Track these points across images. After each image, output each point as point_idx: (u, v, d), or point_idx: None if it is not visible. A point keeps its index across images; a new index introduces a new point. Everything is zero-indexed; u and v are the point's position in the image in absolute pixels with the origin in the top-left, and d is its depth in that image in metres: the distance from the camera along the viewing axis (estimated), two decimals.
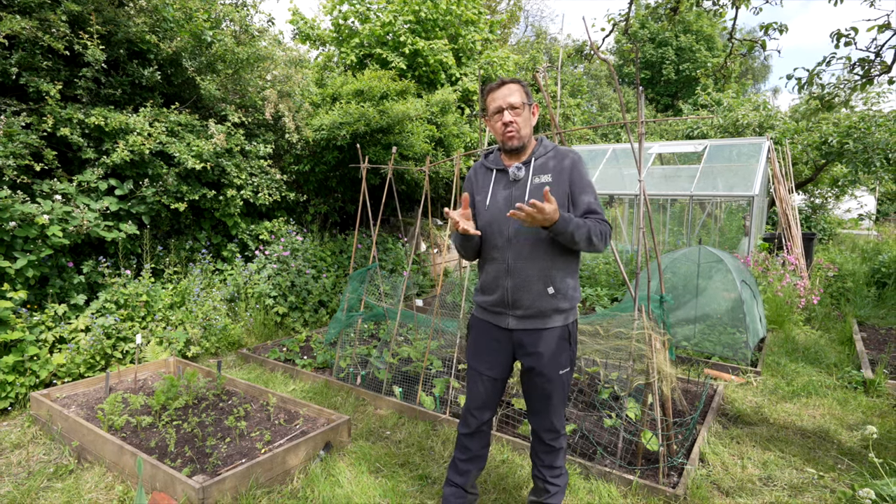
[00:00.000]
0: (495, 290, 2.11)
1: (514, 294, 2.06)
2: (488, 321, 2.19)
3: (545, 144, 2.14)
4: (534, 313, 2.06)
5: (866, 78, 4.14)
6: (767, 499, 2.68)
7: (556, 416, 2.19)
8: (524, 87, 2.07)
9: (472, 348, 2.26)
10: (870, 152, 7.99)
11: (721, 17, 5.13)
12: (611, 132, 18.02)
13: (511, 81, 2.06)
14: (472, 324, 2.29)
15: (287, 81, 6.00)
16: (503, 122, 2.04)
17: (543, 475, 2.27)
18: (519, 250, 2.04)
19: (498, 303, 2.11)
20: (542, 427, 2.21)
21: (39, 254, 3.96)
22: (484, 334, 2.21)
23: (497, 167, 2.14)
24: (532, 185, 2.06)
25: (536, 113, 2.15)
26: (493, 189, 2.12)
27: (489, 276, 2.13)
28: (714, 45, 24.28)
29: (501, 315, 2.13)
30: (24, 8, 4.28)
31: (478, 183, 2.19)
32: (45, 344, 3.94)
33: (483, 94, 2.15)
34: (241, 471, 2.60)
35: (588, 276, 7.42)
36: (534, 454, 2.30)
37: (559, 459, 2.27)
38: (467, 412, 2.27)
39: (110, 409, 3.24)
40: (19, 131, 4.00)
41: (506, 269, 2.06)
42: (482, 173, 2.20)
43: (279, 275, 5.68)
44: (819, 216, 12.88)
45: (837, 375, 4.35)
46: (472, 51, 9.96)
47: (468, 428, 2.27)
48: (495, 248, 2.09)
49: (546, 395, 2.14)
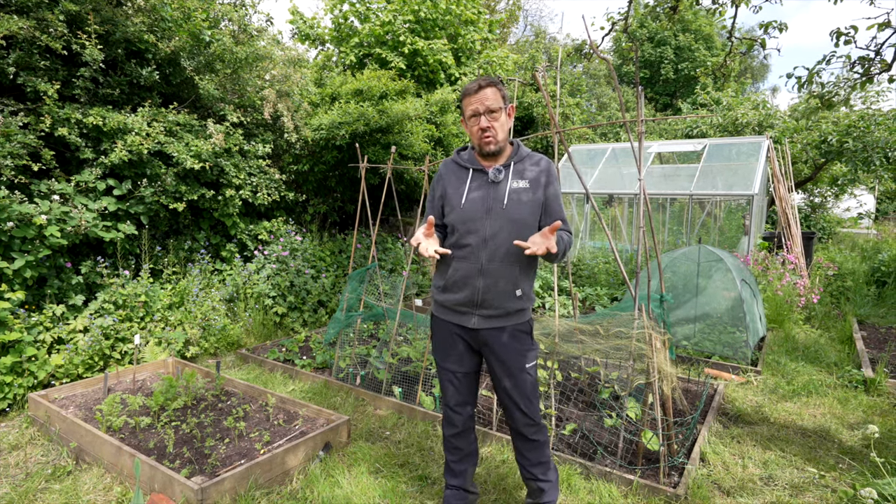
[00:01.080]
0: (463, 289, 2.10)
1: (485, 294, 2.07)
2: (450, 321, 2.19)
3: (522, 150, 2.17)
4: (500, 313, 2.10)
5: (866, 76, 4.13)
6: (768, 498, 2.68)
7: (532, 408, 2.19)
8: (501, 89, 2.07)
9: (439, 348, 2.27)
10: (869, 151, 7.98)
11: (721, 15, 5.12)
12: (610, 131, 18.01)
13: (487, 85, 2.05)
14: (433, 324, 2.30)
15: (286, 81, 5.98)
16: (480, 127, 2.05)
17: (535, 475, 2.26)
18: (494, 252, 2.04)
19: (465, 302, 2.11)
20: (521, 422, 2.20)
21: (37, 254, 3.95)
22: (447, 334, 2.21)
23: (473, 166, 2.15)
24: (510, 189, 2.07)
25: (513, 114, 2.17)
26: (470, 187, 2.12)
27: (458, 274, 2.11)
28: (713, 45, 24.27)
29: (466, 314, 2.13)
30: (22, 7, 4.26)
31: (451, 180, 2.18)
32: (43, 345, 3.92)
33: (461, 97, 2.15)
34: (240, 472, 2.59)
35: (588, 275, 7.41)
36: (519, 455, 2.29)
37: (545, 453, 2.27)
38: (449, 410, 2.28)
39: (109, 410, 3.23)
40: (17, 131, 3.99)
41: (479, 269, 2.06)
42: (455, 170, 2.20)
43: (278, 275, 5.67)
44: (819, 215, 12.88)
45: (838, 374, 4.34)
46: (472, 50, 9.95)
47: (454, 427, 2.28)
48: (467, 246, 2.07)
49: (518, 390, 2.15)
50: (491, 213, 2.05)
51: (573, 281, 7.49)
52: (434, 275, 2.26)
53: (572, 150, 10.08)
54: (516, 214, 2.05)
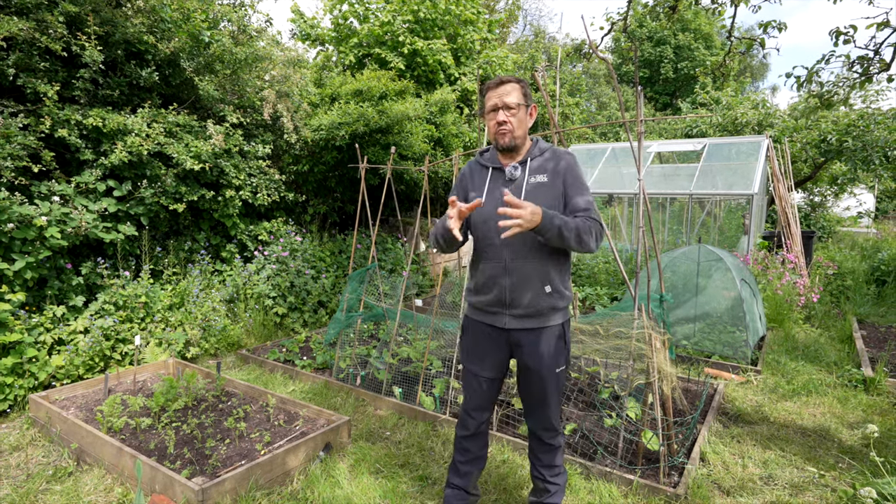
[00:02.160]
0: (492, 289, 2.09)
1: (513, 293, 2.05)
2: (483, 322, 2.17)
3: (541, 146, 2.14)
4: (532, 312, 2.06)
5: (865, 76, 4.14)
6: (768, 498, 2.68)
7: (554, 415, 2.19)
8: (524, 87, 2.07)
9: (468, 349, 2.25)
10: (869, 150, 7.99)
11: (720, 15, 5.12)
12: (610, 131, 18.02)
13: (511, 80, 2.05)
14: (465, 325, 2.29)
15: (285, 81, 5.98)
16: (496, 121, 2.05)
17: (543, 475, 2.27)
18: (517, 248, 2.03)
19: (495, 302, 2.10)
20: (541, 426, 2.20)
21: (38, 255, 3.95)
22: (479, 335, 2.20)
23: (493, 165, 2.15)
24: (528, 185, 2.06)
25: (534, 114, 2.15)
26: (490, 187, 2.12)
27: (485, 275, 2.11)
28: (712, 44, 24.27)
29: (498, 315, 2.11)
30: (22, 9, 4.26)
31: (473, 180, 2.19)
32: (43, 346, 3.93)
33: (481, 91, 2.15)
34: (241, 472, 2.59)
35: (588, 275, 7.41)
36: (532, 455, 2.30)
37: (558, 458, 2.27)
38: (465, 414, 2.27)
39: (109, 411, 3.23)
40: (17, 133, 3.99)
41: (503, 267, 2.05)
42: (477, 170, 2.20)
43: (278, 275, 5.68)
44: (818, 214, 12.89)
45: (837, 374, 4.35)
46: (471, 50, 9.95)
47: (467, 430, 2.27)
48: (491, 245, 2.07)
49: (544, 394, 2.14)
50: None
51: (573, 281, 7.50)
52: (468, 278, 2.26)
53: (572, 149, 10.08)
54: None
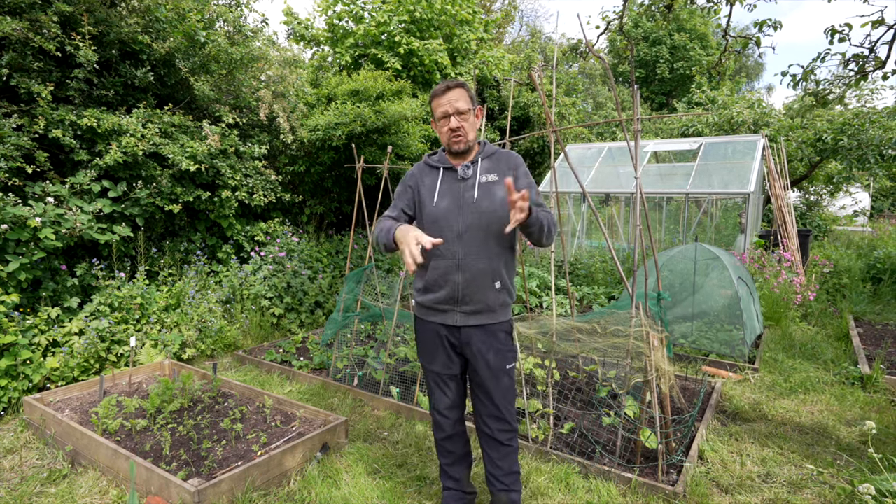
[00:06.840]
0: (443, 287, 2.11)
1: (465, 289, 2.08)
2: (433, 321, 2.19)
3: (489, 147, 2.21)
4: (482, 308, 2.11)
5: (860, 74, 4.15)
6: (767, 495, 2.68)
7: (510, 412, 2.19)
8: (468, 91, 2.13)
9: (424, 351, 2.26)
10: (864, 149, 8.02)
11: (715, 14, 5.13)
12: (606, 130, 18.03)
13: (457, 86, 2.09)
14: (417, 327, 2.30)
15: (281, 82, 5.97)
16: (450, 128, 2.09)
17: (507, 485, 2.21)
18: (469, 246, 2.07)
19: (446, 299, 2.12)
20: (498, 426, 2.18)
21: (32, 257, 3.92)
22: (431, 335, 2.21)
23: (444, 165, 2.19)
24: (480, 183, 2.12)
25: (480, 115, 2.23)
26: (441, 186, 2.16)
27: (436, 273, 2.12)
28: (708, 44, 24.36)
29: (448, 312, 2.13)
30: (15, 9, 4.23)
31: (423, 181, 2.21)
32: (38, 347, 3.90)
33: (430, 99, 2.19)
34: (238, 473, 2.58)
35: (585, 274, 7.42)
36: (491, 466, 2.23)
37: (517, 461, 2.26)
38: (438, 415, 2.27)
39: (104, 413, 3.21)
40: (10, 133, 3.96)
41: (456, 264, 2.08)
42: (427, 172, 2.23)
43: (275, 276, 5.65)
44: (814, 213, 12.93)
45: (835, 371, 4.36)
46: (468, 50, 9.94)
47: (443, 431, 2.28)
48: (444, 243, 2.09)
49: (499, 390, 2.15)
50: (463, 208, 2.09)
51: (570, 280, 7.50)
52: (414, 278, 2.26)
53: (569, 149, 10.09)
54: (488, 206, 2.08)
